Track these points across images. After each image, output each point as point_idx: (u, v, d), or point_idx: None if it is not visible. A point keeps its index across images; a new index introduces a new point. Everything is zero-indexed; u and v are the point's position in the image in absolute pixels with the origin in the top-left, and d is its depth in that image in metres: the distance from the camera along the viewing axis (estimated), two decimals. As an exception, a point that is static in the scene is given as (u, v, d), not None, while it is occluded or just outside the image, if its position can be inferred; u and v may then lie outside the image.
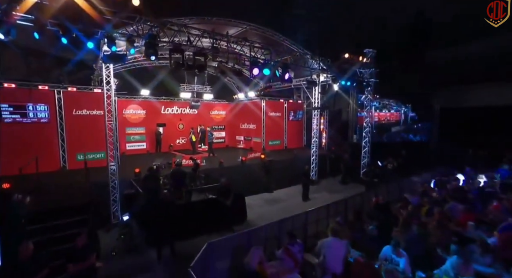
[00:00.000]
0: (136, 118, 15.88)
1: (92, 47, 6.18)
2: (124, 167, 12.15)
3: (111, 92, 8.54)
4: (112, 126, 8.69)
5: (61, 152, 11.16)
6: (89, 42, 6.11)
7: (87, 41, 6.05)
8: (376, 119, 16.36)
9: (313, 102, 13.75)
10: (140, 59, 13.61)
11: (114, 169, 8.70)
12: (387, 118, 17.15)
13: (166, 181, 9.04)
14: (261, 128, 17.15)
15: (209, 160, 12.89)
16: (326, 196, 12.34)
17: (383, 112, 17.32)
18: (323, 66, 11.62)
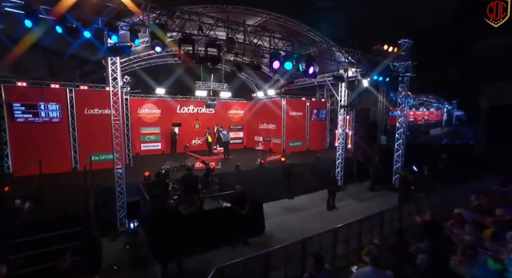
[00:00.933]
0: (151, 118, 15.43)
1: (89, 37, 5.50)
2: (138, 168, 11.65)
3: (118, 89, 7.88)
4: (119, 126, 8.03)
5: (72, 152, 10.81)
6: (85, 31, 5.43)
7: (83, 31, 5.38)
8: (412, 118, 14.68)
9: (339, 100, 12.51)
10: (154, 55, 13.06)
11: (120, 172, 8.07)
12: (425, 118, 15.40)
13: (176, 186, 8.28)
14: (281, 129, 16.12)
15: (225, 163, 12.06)
16: (353, 205, 11.09)
17: (420, 111, 15.56)
18: (352, 59, 10.37)
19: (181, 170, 10.67)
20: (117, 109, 8.01)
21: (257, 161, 12.69)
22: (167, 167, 8.89)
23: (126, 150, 11.82)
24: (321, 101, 17.58)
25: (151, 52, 12.89)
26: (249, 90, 18.56)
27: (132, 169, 11.41)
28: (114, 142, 8.00)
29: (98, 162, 10.95)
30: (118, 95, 7.95)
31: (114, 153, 8.04)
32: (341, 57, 10.40)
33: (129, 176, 9.98)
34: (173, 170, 10.27)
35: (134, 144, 14.85)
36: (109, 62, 7.62)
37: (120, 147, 8.15)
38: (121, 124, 8.11)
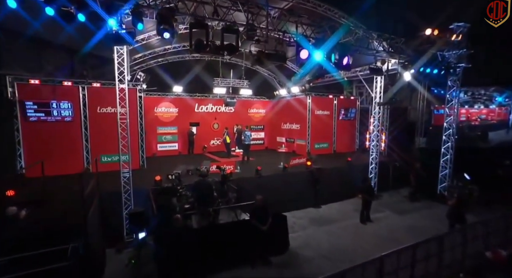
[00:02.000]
0: (168, 117, 14.77)
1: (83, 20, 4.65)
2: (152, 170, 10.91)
3: (126, 85, 7.08)
4: (127, 125, 7.23)
5: (84, 153, 10.27)
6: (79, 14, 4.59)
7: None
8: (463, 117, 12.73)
9: (374, 97, 10.99)
10: (170, 50, 12.32)
11: (127, 177, 7.26)
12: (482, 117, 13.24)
13: (189, 193, 7.33)
14: (306, 129, 14.78)
15: (245, 166, 11.01)
16: (392, 218, 9.57)
17: (476, 109, 13.36)
18: (391, 49, 8.89)
19: (196, 174, 9.77)
20: (124, 107, 7.21)
21: (279, 164, 11.52)
22: (179, 171, 7.95)
23: (140, 151, 11.14)
24: (350, 99, 16.02)
25: (167, 47, 12.20)
26: (271, 88, 17.41)
27: (146, 172, 10.69)
28: (120, 143, 7.21)
29: (110, 163, 10.38)
30: (125, 91, 7.14)
31: (121, 155, 7.25)
32: (380, 47, 8.95)
33: (141, 179, 9.27)
34: (187, 174, 9.39)
35: (150, 144, 14.27)
36: (115, 54, 6.81)
37: (128, 148, 7.34)
38: (128, 124, 7.32)
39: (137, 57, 11.85)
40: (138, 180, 9.28)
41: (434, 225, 8.53)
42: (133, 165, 10.91)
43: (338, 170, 11.61)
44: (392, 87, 9.62)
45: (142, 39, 9.47)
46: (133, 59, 11.74)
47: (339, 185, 11.35)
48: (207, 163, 8.54)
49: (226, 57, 15.20)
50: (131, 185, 7.36)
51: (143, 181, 8.95)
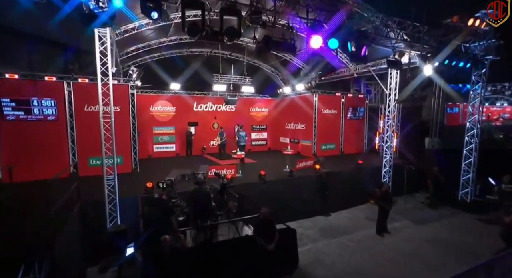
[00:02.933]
0: (164, 116, 13.77)
1: None
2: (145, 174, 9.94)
3: (110, 79, 6.08)
4: (111, 125, 6.24)
5: (70, 155, 9.27)
6: None
7: None
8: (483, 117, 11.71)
9: (389, 93, 9.96)
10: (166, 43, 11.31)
11: (112, 185, 6.26)
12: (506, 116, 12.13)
13: (183, 204, 6.32)
14: (312, 129, 13.77)
15: (248, 169, 10.00)
16: (411, 228, 8.55)
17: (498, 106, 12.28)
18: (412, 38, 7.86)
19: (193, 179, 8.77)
20: (108, 104, 6.21)
21: (285, 167, 10.52)
22: (172, 179, 6.90)
23: (132, 153, 10.14)
24: (358, 97, 14.99)
25: (163, 40, 11.18)
26: (274, 86, 16.38)
27: (138, 176, 9.70)
28: (104, 145, 6.21)
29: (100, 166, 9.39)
30: (109, 86, 6.13)
31: (105, 158, 6.25)
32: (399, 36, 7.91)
33: (132, 184, 8.28)
34: (182, 180, 8.38)
35: (146, 145, 13.29)
36: (96, 41, 5.79)
37: (113, 151, 6.34)
38: (113, 123, 6.30)
39: (130, 50, 10.85)
40: (129, 185, 8.32)
41: (462, 239, 7.54)
42: (124, 169, 10.02)
43: (348, 174, 10.58)
44: (412, 82, 8.58)
45: (132, 28, 8.48)
46: (125, 53, 10.74)
47: (349, 190, 10.34)
48: (204, 168, 7.51)
49: (226, 53, 14.19)
50: (117, 193, 6.36)
51: (134, 187, 7.97)
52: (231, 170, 9.24)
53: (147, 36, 10.29)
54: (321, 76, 10.98)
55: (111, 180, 6.28)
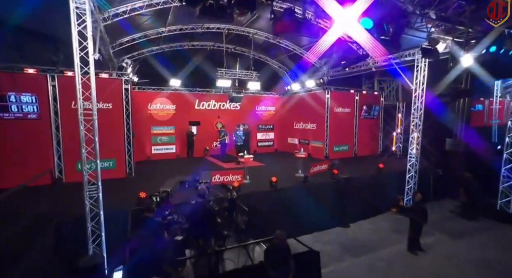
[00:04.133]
0: (164, 115, 12.59)
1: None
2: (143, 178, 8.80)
3: (91, 67, 4.89)
4: (94, 126, 5.04)
5: (56, 159, 8.10)
6: None
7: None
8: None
9: (415, 89, 8.71)
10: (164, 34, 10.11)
11: (95, 196, 5.06)
12: None
13: (182, 220, 5.11)
14: (324, 129, 12.55)
15: (255, 175, 8.78)
16: (447, 244, 7.29)
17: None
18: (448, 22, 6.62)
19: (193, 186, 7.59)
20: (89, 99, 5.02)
21: (297, 172, 9.32)
22: (168, 190, 5.63)
23: (126, 156, 8.96)
24: (373, 95, 13.74)
25: (161, 29, 9.97)
26: (282, 82, 15.13)
27: (133, 181, 8.53)
28: (84, 149, 5.02)
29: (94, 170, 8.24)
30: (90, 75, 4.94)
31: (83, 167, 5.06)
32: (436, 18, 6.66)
33: (124, 193, 7.10)
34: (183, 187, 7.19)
35: (143, 147, 12.12)
36: (72, 15, 4.57)
37: (96, 155, 5.15)
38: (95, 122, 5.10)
39: (124, 41, 9.66)
40: (121, 194, 7.15)
41: (511, 258, 6.29)
42: (117, 173, 8.84)
43: (367, 179, 9.34)
44: (450, 73, 7.32)
45: (124, 12, 7.29)
46: (118, 44, 9.54)
47: (368, 198, 9.11)
48: (206, 174, 6.26)
49: (230, 46, 12.99)
50: (101, 206, 5.16)
51: (126, 196, 6.79)
52: (237, 176, 8.05)
53: (143, 24, 9.10)
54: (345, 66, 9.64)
55: (94, 191, 5.09)
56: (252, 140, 14.42)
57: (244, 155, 8.33)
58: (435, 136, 11.69)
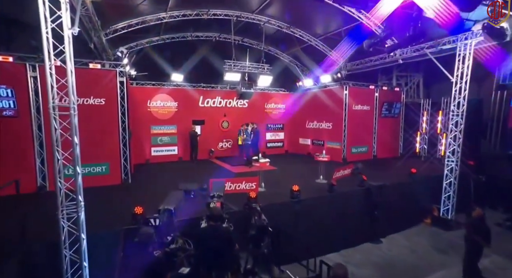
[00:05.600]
0: (164, 113, 11.34)
1: None
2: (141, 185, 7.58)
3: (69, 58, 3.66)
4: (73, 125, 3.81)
5: (38, 163, 6.85)
6: None
7: None
8: None
9: (455, 82, 7.42)
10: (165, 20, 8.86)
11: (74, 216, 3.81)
12: None
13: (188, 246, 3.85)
14: (342, 129, 11.30)
15: (269, 180, 7.52)
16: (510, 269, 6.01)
17: None
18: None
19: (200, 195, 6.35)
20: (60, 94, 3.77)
21: (317, 177, 8.09)
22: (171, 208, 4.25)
23: (122, 160, 7.72)
24: (394, 91, 12.46)
25: (161, 15, 8.71)
26: (292, 78, 13.86)
27: (129, 190, 7.28)
28: (55, 150, 3.77)
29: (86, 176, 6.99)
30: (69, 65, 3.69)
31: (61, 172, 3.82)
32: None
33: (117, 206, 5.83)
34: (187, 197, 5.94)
35: (142, 148, 10.89)
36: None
37: (75, 160, 3.91)
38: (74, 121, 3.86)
39: (119, 28, 8.38)
40: (113, 205, 5.90)
41: None
42: (111, 180, 7.59)
43: (398, 186, 8.08)
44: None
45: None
46: (112, 31, 8.27)
47: (400, 207, 7.86)
48: (218, 185, 4.94)
49: (238, 38, 11.76)
50: (82, 229, 3.91)
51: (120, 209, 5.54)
52: (252, 184, 6.78)
53: (140, 8, 7.85)
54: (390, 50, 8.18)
55: (73, 209, 3.83)
56: (261, 140, 13.13)
57: (259, 158, 7.06)
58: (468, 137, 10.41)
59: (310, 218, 6.50)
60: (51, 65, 3.65)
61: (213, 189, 4.69)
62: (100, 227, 4.66)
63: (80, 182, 4.01)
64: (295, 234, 6.04)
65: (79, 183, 3.97)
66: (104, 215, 5.25)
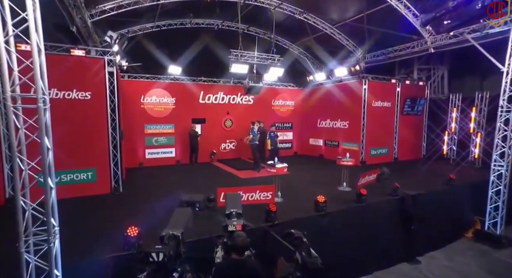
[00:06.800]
0: (161, 111, 10.44)
1: None
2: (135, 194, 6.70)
3: (34, 28, 2.74)
4: (42, 123, 2.90)
5: (7, 170, 5.93)
6: None
7: None
8: None
9: (506, 72, 6.61)
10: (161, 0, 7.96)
11: (43, 249, 2.90)
12: None
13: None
14: (360, 128, 10.49)
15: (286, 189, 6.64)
16: None
17: None
18: None
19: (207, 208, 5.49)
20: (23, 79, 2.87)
21: (339, 184, 7.27)
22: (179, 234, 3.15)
23: (112, 164, 6.80)
24: (418, 86, 11.66)
25: None
26: (302, 72, 13.01)
27: (120, 202, 6.36)
28: (16, 157, 2.87)
29: (63, 184, 6.13)
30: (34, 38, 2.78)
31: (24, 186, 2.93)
32: None
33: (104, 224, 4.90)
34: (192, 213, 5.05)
35: (135, 150, 10.00)
36: None
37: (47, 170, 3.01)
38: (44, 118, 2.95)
39: (107, 9, 7.38)
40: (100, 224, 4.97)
41: None
42: (99, 188, 6.67)
43: (437, 195, 7.25)
44: None
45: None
46: (99, 12, 7.31)
47: (436, 220, 7.03)
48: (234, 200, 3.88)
49: (243, 26, 10.85)
50: (57, 264, 3.01)
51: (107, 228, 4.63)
52: (267, 193, 5.93)
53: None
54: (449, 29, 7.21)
55: (42, 237, 2.93)
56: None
57: (275, 163, 6.18)
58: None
59: (337, 235, 5.66)
60: (8, 38, 2.72)
61: (227, 203, 3.81)
62: (81, 254, 3.77)
63: (54, 198, 3.12)
64: (321, 255, 5.20)
65: (52, 200, 3.08)
66: (86, 236, 4.35)
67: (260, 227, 4.81)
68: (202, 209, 5.51)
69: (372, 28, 9.29)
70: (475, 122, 9.92)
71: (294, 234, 3.06)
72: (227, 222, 3.20)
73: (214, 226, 4.69)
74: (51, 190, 3.07)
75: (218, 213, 5.36)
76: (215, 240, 4.04)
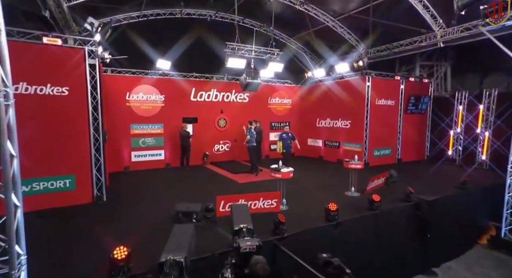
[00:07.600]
0: (148, 109, 9.81)
1: None
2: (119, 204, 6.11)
3: None
4: (2, 124, 2.32)
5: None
6: None
7: None
8: None
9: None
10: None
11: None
12: None
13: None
14: (363, 128, 10.19)
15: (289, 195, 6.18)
16: None
17: None
18: None
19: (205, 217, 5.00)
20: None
21: (347, 189, 6.89)
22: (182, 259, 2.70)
23: (94, 169, 6.17)
24: (422, 83, 11.44)
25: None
26: (300, 68, 12.61)
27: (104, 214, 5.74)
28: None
29: (35, 194, 5.50)
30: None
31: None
32: None
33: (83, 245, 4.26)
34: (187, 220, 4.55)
35: (120, 152, 9.35)
36: None
37: (8, 181, 2.42)
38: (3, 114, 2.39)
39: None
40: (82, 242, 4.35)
41: None
42: (79, 198, 6.01)
43: (452, 200, 6.95)
44: None
45: None
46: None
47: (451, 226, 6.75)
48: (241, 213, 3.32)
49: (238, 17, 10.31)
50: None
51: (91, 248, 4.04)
52: (272, 201, 5.49)
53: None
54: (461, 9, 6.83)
55: (3, 270, 2.36)
56: (264, 141, 11.82)
57: (280, 167, 5.70)
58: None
59: (349, 245, 5.25)
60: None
61: (234, 217, 3.29)
62: None
63: (20, 219, 2.55)
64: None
65: (18, 222, 2.51)
66: (63, 262, 3.75)
67: (268, 240, 4.34)
68: (200, 220, 4.99)
69: (378, 21, 8.94)
70: (483, 121, 9.77)
71: (333, 262, 2.58)
72: (240, 243, 2.70)
73: (215, 241, 4.21)
74: (18, 209, 2.50)
75: (218, 225, 4.88)
76: (219, 258, 3.57)
